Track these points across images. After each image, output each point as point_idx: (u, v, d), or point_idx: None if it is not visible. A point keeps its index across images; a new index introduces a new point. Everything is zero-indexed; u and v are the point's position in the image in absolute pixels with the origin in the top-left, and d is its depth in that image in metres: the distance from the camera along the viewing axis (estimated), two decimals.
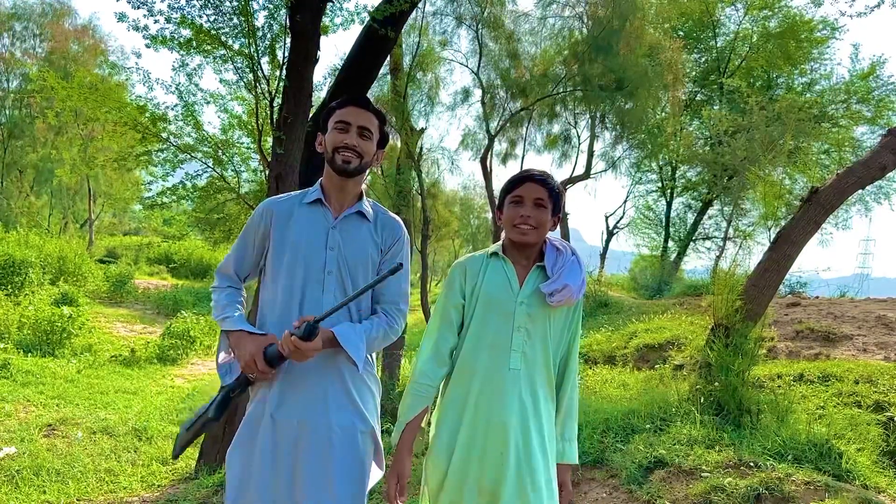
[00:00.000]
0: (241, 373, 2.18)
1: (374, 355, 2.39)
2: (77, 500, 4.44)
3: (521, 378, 2.18)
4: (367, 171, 2.41)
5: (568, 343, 2.30)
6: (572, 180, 19.02)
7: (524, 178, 2.23)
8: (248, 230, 2.37)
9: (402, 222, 2.46)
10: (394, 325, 2.33)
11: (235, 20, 4.83)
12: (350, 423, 2.20)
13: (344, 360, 2.20)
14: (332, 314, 2.03)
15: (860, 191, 8.61)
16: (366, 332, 2.22)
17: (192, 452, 5.32)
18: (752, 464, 4.12)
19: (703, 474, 4.10)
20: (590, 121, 18.26)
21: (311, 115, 4.97)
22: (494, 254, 2.31)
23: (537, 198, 2.19)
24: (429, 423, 2.37)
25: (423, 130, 13.42)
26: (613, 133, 18.12)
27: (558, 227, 2.35)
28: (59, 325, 9.34)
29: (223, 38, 4.83)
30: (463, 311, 2.29)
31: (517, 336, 2.19)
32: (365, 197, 2.41)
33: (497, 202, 2.36)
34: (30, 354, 8.60)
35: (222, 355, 2.30)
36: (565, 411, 2.29)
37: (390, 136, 2.69)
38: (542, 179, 2.21)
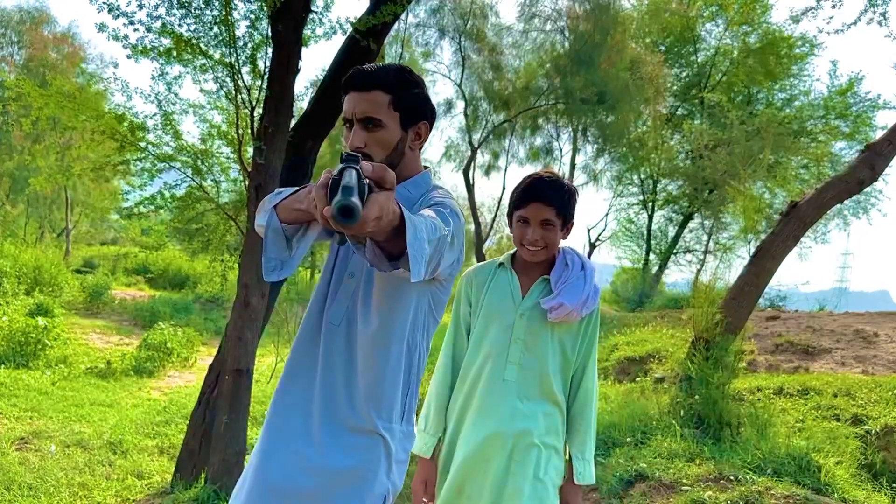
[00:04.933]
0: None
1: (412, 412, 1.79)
2: None
3: (516, 390, 2.13)
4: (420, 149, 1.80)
5: (583, 360, 2.22)
6: None
7: (529, 197, 2.11)
8: None
9: (446, 191, 1.78)
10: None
11: (216, 29, 4.79)
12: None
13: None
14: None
15: (839, 205, 8.72)
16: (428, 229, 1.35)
17: (168, 466, 5.24)
18: (732, 477, 4.13)
19: (683, 488, 4.09)
20: (572, 133, 18.36)
21: (292, 124, 4.94)
22: (501, 264, 2.27)
23: (544, 219, 2.09)
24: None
25: None
26: (595, 146, 18.26)
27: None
28: (34, 335, 9.17)
29: (203, 48, 4.79)
30: (470, 319, 2.28)
31: (514, 347, 2.14)
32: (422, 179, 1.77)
33: (508, 208, 2.24)
34: (2, 366, 8.44)
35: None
36: (582, 430, 2.21)
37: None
38: (548, 200, 2.07)
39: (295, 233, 1.60)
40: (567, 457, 2.24)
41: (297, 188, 1.57)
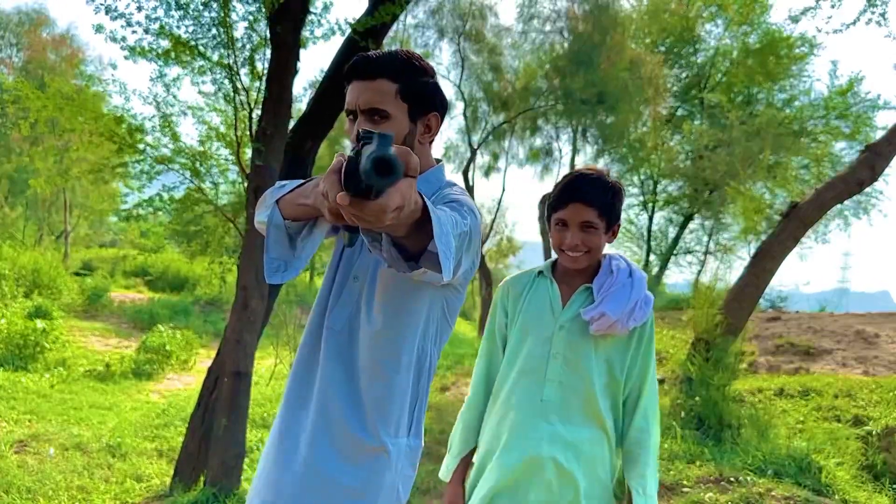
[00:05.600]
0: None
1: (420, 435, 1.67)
2: None
3: (556, 411, 1.91)
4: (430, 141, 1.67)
5: (637, 379, 1.96)
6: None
7: (568, 197, 1.88)
8: None
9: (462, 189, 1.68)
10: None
11: (214, 31, 4.78)
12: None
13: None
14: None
15: (839, 205, 8.71)
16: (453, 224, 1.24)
17: (167, 469, 5.22)
18: (732, 479, 4.11)
19: (684, 489, 4.08)
20: (571, 134, 18.33)
21: (290, 126, 4.93)
22: (541, 273, 2.05)
23: (584, 222, 1.86)
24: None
25: None
26: (595, 147, 18.22)
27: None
28: (33, 338, 9.17)
29: (201, 49, 4.78)
30: (506, 331, 2.05)
31: (553, 364, 1.92)
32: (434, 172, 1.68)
33: (546, 211, 2.00)
34: (1, 369, 8.43)
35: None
36: (641, 462, 1.97)
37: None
38: (589, 200, 1.85)
39: (299, 231, 1.49)
40: (620, 481, 2.05)
41: (302, 181, 1.46)
